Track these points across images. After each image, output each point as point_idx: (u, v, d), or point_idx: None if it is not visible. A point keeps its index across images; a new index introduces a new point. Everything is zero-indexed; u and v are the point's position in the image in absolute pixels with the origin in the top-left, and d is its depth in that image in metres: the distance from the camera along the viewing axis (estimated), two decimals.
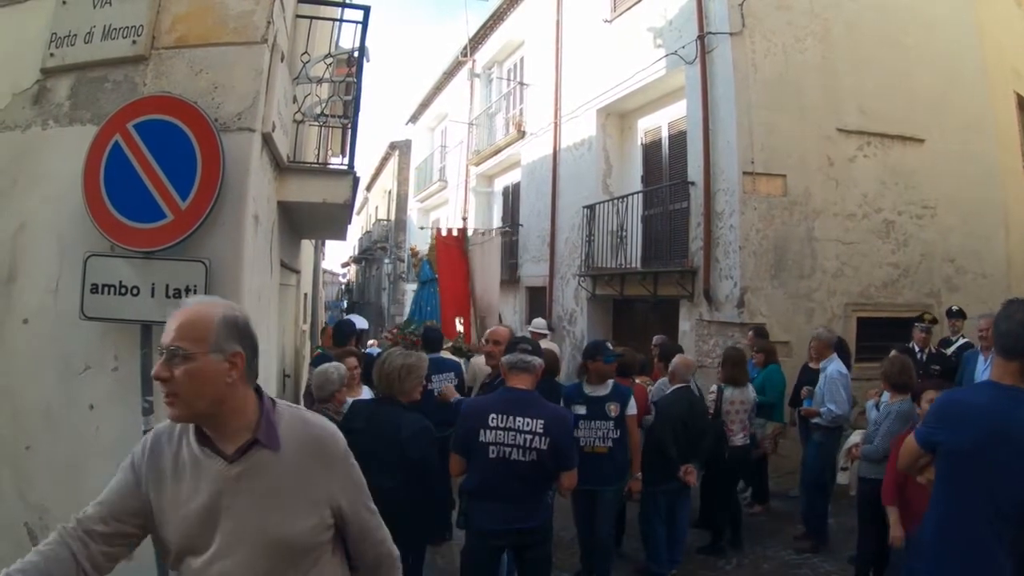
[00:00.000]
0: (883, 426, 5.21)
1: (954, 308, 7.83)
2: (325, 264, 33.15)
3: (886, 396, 5.61)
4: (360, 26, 5.17)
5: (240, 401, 1.80)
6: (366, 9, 5.16)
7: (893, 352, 5.92)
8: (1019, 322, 2.64)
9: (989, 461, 2.57)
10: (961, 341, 7.28)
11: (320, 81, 5.15)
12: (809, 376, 6.96)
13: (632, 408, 5.33)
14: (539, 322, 9.59)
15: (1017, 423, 2.56)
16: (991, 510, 2.60)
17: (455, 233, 11.85)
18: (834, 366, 6.48)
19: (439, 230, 12.52)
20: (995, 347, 2.77)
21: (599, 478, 5.14)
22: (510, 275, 16.39)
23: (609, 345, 5.49)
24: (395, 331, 10.30)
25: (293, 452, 1.83)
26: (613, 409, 5.21)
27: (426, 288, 11.43)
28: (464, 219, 13.76)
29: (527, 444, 3.73)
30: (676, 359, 6.33)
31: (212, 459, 1.77)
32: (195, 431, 1.80)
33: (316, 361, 7.09)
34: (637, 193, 11.34)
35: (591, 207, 12.20)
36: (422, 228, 22.65)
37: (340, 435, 1.98)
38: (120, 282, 3.24)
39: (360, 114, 5.53)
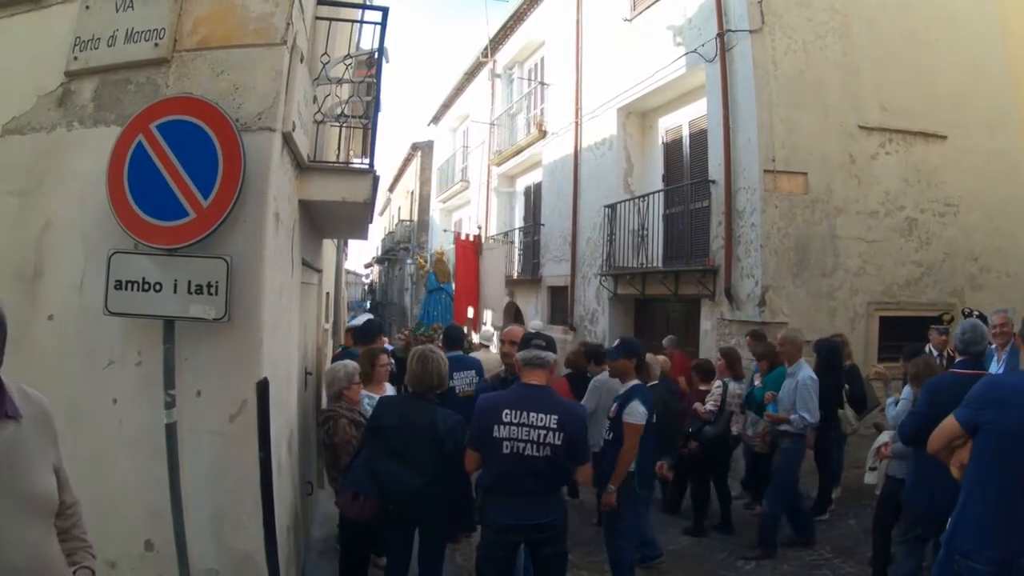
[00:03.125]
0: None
1: (974, 312, 7.67)
2: (348, 265, 33.27)
3: (907, 393, 5.59)
4: (379, 27, 5.25)
5: None
6: (384, 10, 5.21)
7: (907, 350, 5.92)
8: None
9: None
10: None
11: (340, 82, 5.20)
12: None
13: (633, 415, 4.98)
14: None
15: None
16: None
17: (471, 239, 13.01)
18: (805, 372, 6.35)
19: (458, 234, 13.84)
20: None
21: (598, 477, 5.01)
22: (532, 274, 16.44)
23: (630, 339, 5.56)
24: (407, 332, 10.83)
25: (29, 419, 1.93)
26: (612, 410, 5.20)
27: (432, 296, 12.43)
28: (479, 228, 15.75)
29: (541, 440, 3.76)
30: (648, 358, 6.40)
31: None
32: None
33: (339, 359, 7.18)
34: (658, 192, 11.37)
35: (612, 206, 12.25)
36: (445, 231, 23.60)
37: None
38: (143, 278, 3.29)
39: (380, 114, 5.59)
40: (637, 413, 4.97)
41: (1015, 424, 2.83)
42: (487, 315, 14.49)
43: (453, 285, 13.11)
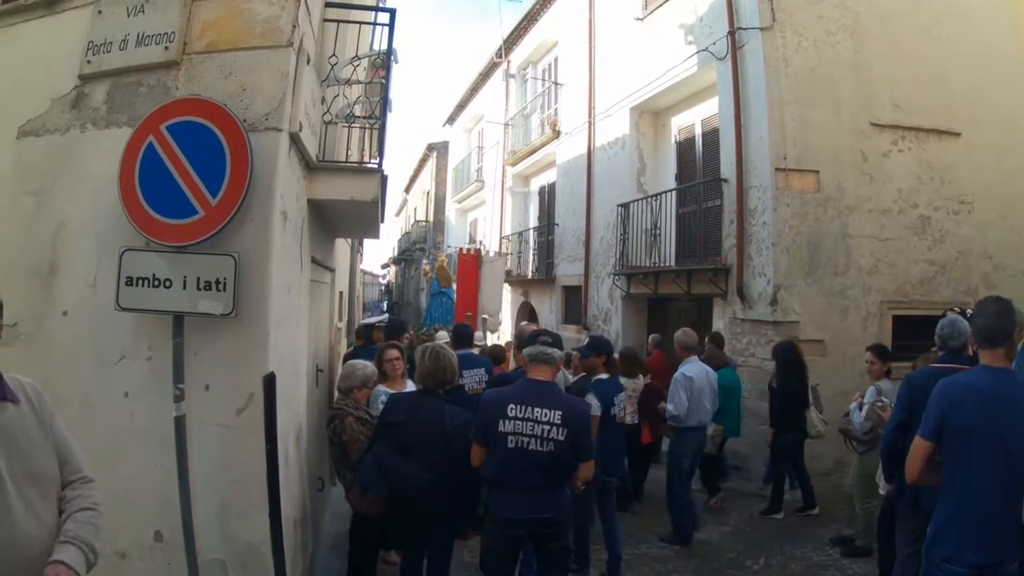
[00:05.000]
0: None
1: (955, 309, 7.61)
2: (365, 265, 33.41)
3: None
4: (387, 29, 5.33)
5: None
6: (392, 12, 5.31)
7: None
8: (994, 314, 3.07)
9: (995, 432, 2.89)
10: None
11: (348, 83, 5.27)
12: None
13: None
14: (442, 334, 10.02)
15: (1013, 396, 2.93)
16: (1004, 475, 2.90)
17: (472, 252, 14.39)
18: (680, 369, 6.83)
19: (461, 248, 15.69)
20: (978, 340, 3.12)
21: None
22: (546, 274, 16.49)
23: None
24: (412, 333, 11.45)
25: (25, 403, 2.04)
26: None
27: (435, 300, 14.12)
28: (481, 242, 17.69)
29: (545, 435, 3.80)
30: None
31: None
32: None
33: (351, 358, 7.27)
34: (671, 191, 11.35)
35: (625, 206, 12.24)
36: (449, 247, 24.72)
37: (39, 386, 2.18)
38: (154, 275, 3.38)
39: (389, 114, 5.67)
40: (591, 405, 5.14)
41: (973, 422, 2.93)
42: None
43: (453, 291, 14.32)
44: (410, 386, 5.59)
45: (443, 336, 9.67)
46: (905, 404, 4.23)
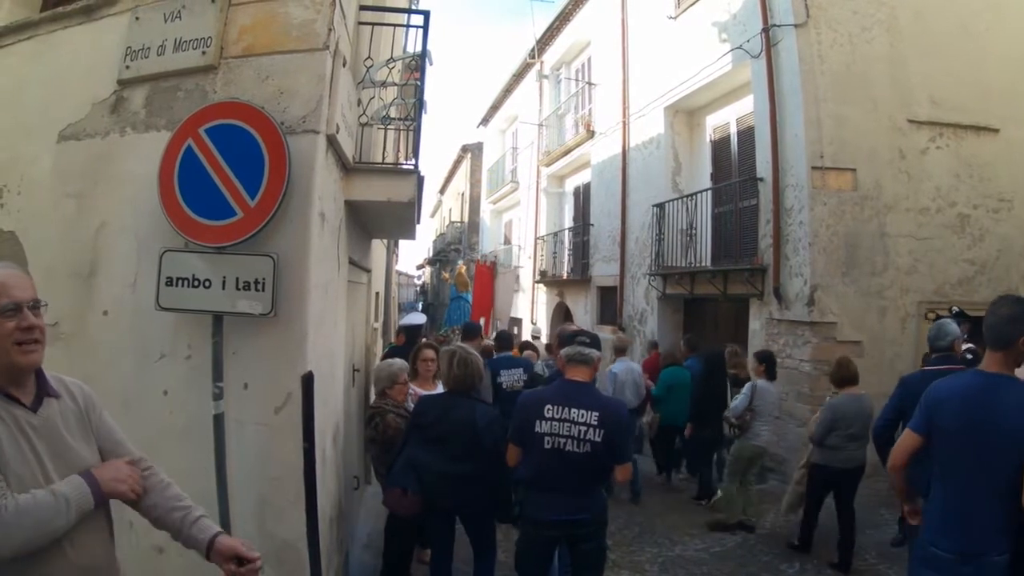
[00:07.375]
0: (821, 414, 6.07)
1: (953, 310, 7.46)
2: (400, 266, 33.62)
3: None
4: (422, 31, 5.36)
5: None
6: (426, 14, 5.35)
7: None
8: (1002, 317, 3.00)
9: (979, 440, 2.92)
10: None
11: (384, 85, 5.30)
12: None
13: None
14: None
15: (999, 405, 2.91)
16: (981, 478, 2.93)
17: (488, 264, 16.58)
18: (612, 366, 8.31)
19: (478, 260, 18.06)
20: (985, 340, 3.07)
21: None
22: (581, 275, 16.47)
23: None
24: (433, 334, 12.12)
25: (68, 398, 2.08)
26: None
27: (453, 303, 16.26)
28: (496, 256, 19.74)
29: (582, 436, 3.78)
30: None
31: (19, 409, 1.93)
32: None
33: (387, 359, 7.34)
34: (706, 191, 11.27)
35: (661, 205, 12.21)
36: (468, 260, 25.65)
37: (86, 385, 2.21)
38: (193, 275, 3.42)
39: (423, 116, 5.70)
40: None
41: (952, 423, 3.01)
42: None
43: (469, 295, 16.01)
44: (439, 388, 5.65)
45: None
46: (896, 404, 4.55)
